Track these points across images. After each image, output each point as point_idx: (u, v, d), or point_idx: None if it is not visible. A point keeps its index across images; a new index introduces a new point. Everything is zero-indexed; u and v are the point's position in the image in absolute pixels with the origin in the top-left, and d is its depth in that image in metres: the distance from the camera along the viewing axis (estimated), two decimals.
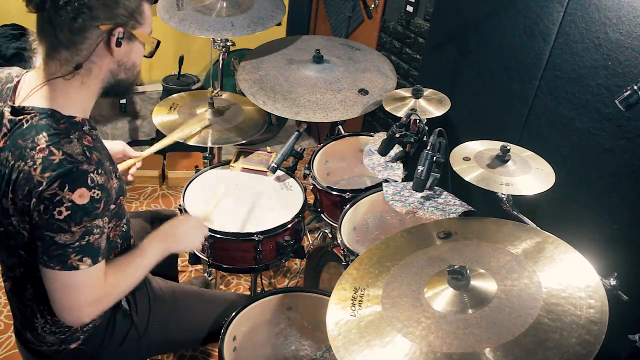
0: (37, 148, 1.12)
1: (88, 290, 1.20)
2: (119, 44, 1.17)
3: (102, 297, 1.25)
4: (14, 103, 1.20)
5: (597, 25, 1.72)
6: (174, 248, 1.44)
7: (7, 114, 1.19)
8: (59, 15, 1.11)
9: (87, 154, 1.14)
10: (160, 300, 1.55)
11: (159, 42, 1.28)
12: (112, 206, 1.25)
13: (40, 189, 1.09)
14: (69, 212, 1.10)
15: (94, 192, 1.12)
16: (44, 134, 1.13)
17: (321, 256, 2.08)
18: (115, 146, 1.69)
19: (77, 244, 1.13)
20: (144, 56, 1.28)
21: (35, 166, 1.11)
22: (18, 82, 1.25)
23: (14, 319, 1.42)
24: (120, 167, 1.71)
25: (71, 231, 1.11)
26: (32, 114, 1.16)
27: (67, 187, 1.09)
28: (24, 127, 1.16)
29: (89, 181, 1.11)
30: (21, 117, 1.17)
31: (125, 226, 1.39)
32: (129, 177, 1.74)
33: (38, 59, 1.22)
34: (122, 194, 1.31)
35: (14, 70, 1.29)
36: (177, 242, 1.44)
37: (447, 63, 2.41)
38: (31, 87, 1.19)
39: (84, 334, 1.39)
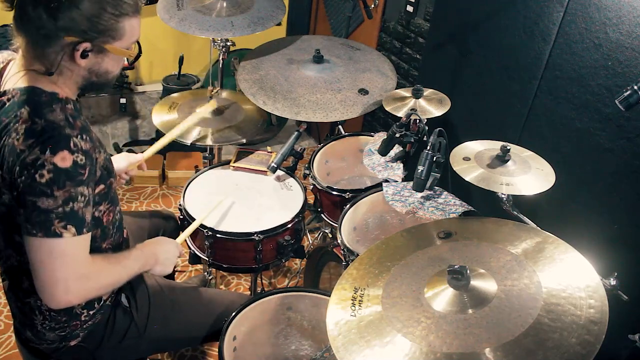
0: (20, 120, 1.13)
1: (73, 263, 1.16)
2: (84, 56, 1.17)
3: (89, 276, 1.21)
4: None
5: (597, 25, 1.72)
6: (150, 267, 1.44)
7: None
8: (26, 14, 1.12)
9: (70, 120, 1.15)
10: (160, 298, 1.55)
11: (139, 54, 1.27)
12: (102, 186, 1.26)
13: (23, 156, 1.10)
14: (50, 175, 1.09)
15: (77, 157, 1.12)
16: (26, 107, 1.14)
17: (321, 256, 2.08)
18: (118, 163, 1.68)
19: (60, 209, 1.12)
20: (126, 63, 1.28)
21: (18, 137, 1.12)
22: (4, 67, 1.26)
23: (13, 319, 1.42)
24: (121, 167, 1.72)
25: (54, 195, 1.10)
26: (14, 93, 1.18)
27: (48, 151, 1.09)
28: (7, 105, 1.18)
29: (72, 145, 1.11)
30: (3, 97, 1.19)
31: (118, 214, 1.40)
32: (125, 177, 1.74)
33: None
34: (112, 175, 1.31)
35: (2, 55, 1.30)
36: (155, 263, 1.45)
37: (447, 63, 2.41)
38: (12, 73, 1.21)
39: (84, 331, 1.39)
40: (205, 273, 2.42)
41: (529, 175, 1.42)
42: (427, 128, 1.72)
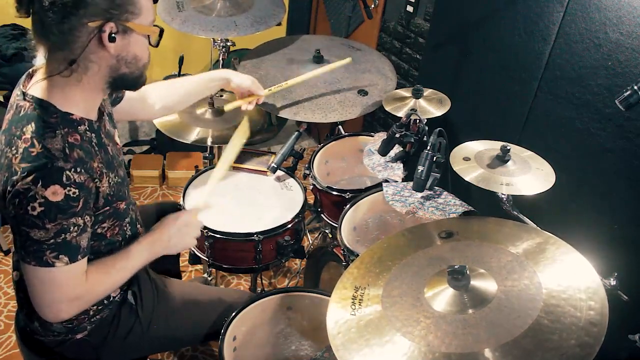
0: (23, 138, 1.13)
1: (66, 289, 1.20)
2: (112, 39, 1.15)
3: (82, 295, 1.25)
4: (25, 89, 1.22)
5: (597, 25, 1.72)
6: (162, 252, 1.42)
7: (18, 98, 1.21)
8: (47, 17, 1.10)
9: (67, 151, 1.14)
10: (165, 297, 1.56)
11: (162, 30, 1.25)
12: (107, 208, 1.25)
13: (15, 178, 1.10)
14: (42, 208, 1.10)
15: (69, 190, 1.12)
16: (32, 124, 1.14)
17: (321, 256, 2.07)
18: (244, 82, 1.82)
19: (52, 241, 1.13)
20: (151, 45, 1.26)
21: (16, 155, 1.12)
22: (37, 69, 1.26)
23: (19, 310, 1.41)
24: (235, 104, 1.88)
25: (45, 228, 1.12)
26: (30, 103, 1.18)
27: (40, 183, 1.09)
28: (20, 114, 1.17)
29: (64, 179, 1.11)
30: (22, 103, 1.19)
31: (127, 225, 1.40)
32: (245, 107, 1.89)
33: (39, 58, 1.23)
34: (122, 198, 1.31)
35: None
36: (165, 247, 1.43)
37: (447, 63, 2.41)
38: (38, 78, 1.21)
39: (91, 324, 1.39)
40: (206, 274, 2.42)
41: (529, 175, 1.42)
42: (427, 128, 1.71)
